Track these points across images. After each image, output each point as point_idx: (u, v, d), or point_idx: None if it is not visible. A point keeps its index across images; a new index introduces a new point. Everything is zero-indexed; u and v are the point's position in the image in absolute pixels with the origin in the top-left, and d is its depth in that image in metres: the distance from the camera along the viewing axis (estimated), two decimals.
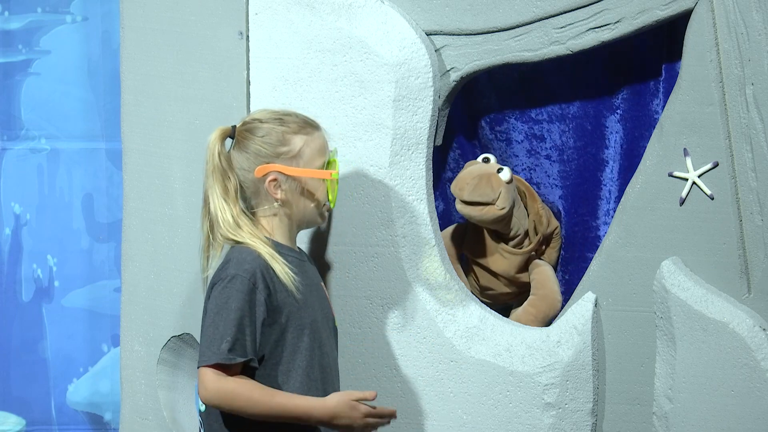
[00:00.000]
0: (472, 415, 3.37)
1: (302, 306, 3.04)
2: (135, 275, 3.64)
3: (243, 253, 3.00)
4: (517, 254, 3.58)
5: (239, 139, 3.07)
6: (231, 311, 2.94)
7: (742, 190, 3.20)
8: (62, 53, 4.49)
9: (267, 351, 2.99)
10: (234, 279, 2.96)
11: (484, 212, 3.48)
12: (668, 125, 3.26)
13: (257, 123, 3.07)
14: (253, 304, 2.96)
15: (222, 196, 3.03)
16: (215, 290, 2.98)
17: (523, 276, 3.62)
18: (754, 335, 3.17)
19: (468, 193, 3.47)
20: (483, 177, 3.48)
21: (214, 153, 3.04)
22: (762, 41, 3.16)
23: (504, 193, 3.47)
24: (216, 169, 3.03)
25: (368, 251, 3.41)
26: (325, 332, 3.10)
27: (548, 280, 3.56)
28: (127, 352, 3.67)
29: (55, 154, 4.50)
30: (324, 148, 3.10)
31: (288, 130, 3.07)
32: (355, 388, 3.36)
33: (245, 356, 2.94)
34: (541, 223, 3.58)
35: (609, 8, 3.27)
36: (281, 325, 3.00)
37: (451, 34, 3.40)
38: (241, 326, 2.94)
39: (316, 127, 3.11)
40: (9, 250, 4.53)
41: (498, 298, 3.67)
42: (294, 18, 3.42)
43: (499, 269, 3.61)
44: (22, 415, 4.57)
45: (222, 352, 2.92)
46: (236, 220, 3.02)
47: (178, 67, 3.53)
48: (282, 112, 3.11)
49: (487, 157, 3.57)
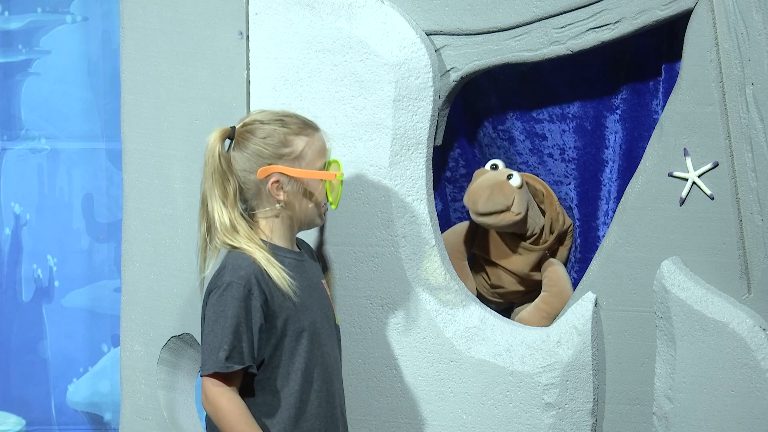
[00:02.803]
0: (472, 415, 3.37)
1: (300, 309, 3.03)
2: (135, 275, 3.64)
3: (238, 259, 3.00)
4: (535, 250, 3.59)
5: (239, 140, 3.06)
6: (227, 319, 2.94)
7: (742, 190, 3.20)
8: (62, 53, 4.49)
9: (266, 355, 3.00)
10: (229, 286, 2.96)
11: (501, 219, 3.48)
12: (668, 125, 3.26)
13: (258, 124, 3.06)
14: (249, 310, 2.96)
15: (221, 199, 3.02)
16: (211, 298, 2.98)
17: (536, 274, 3.62)
18: (754, 335, 3.17)
19: (482, 205, 3.47)
20: (495, 187, 3.47)
21: (214, 154, 3.03)
22: (762, 41, 3.16)
23: (518, 198, 3.48)
24: (216, 171, 3.02)
25: (368, 251, 3.41)
26: (326, 332, 3.10)
27: (561, 278, 3.57)
28: (127, 352, 3.67)
29: (55, 154, 4.50)
30: (323, 149, 3.10)
31: (290, 132, 3.06)
32: (356, 388, 3.37)
33: (243, 363, 2.94)
34: (558, 220, 3.60)
35: (609, 8, 3.27)
36: (279, 329, 3.00)
37: (451, 34, 3.40)
38: (237, 333, 2.94)
39: (316, 129, 3.11)
40: (9, 250, 4.54)
41: (507, 297, 3.68)
42: (294, 18, 3.42)
43: (514, 267, 3.62)
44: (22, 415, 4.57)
45: (219, 360, 2.93)
46: (233, 224, 3.02)
47: (178, 67, 3.53)
48: (282, 113, 3.10)
49: (495, 163, 3.57)
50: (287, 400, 3.01)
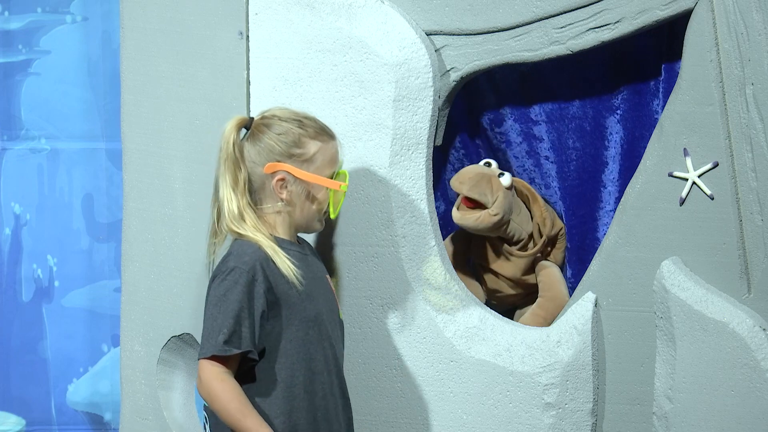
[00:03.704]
0: (472, 415, 3.37)
1: (305, 299, 3.04)
2: (135, 275, 3.64)
3: (243, 246, 3.02)
4: (523, 257, 3.59)
5: (255, 131, 3.09)
6: (229, 303, 2.95)
7: (742, 190, 3.20)
8: (62, 53, 4.49)
9: (269, 344, 3.00)
10: (233, 271, 2.98)
11: (480, 221, 3.47)
12: (668, 125, 3.25)
13: (276, 120, 3.09)
14: (251, 296, 2.97)
15: (231, 185, 3.04)
16: (215, 282, 3.00)
17: (530, 278, 3.62)
18: (754, 335, 3.17)
19: (468, 188, 3.46)
20: (485, 176, 3.48)
21: (228, 141, 3.05)
22: (762, 41, 3.16)
23: (501, 197, 3.47)
24: (228, 158, 3.05)
25: (368, 251, 3.41)
26: (331, 324, 3.11)
27: (555, 281, 3.57)
28: (127, 352, 3.67)
29: (55, 154, 4.50)
30: (335, 158, 3.12)
31: (305, 134, 3.08)
32: (356, 387, 3.36)
33: (240, 348, 2.95)
34: (545, 225, 3.59)
35: (609, 8, 3.27)
36: (283, 318, 3.01)
37: (451, 34, 3.40)
38: (238, 318, 2.95)
39: (332, 137, 3.13)
40: (9, 250, 4.53)
41: (505, 300, 3.68)
42: (294, 18, 3.42)
43: (506, 272, 3.61)
44: (22, 415, 4.57)
45: (218, 344, 2.93)
46: (241, 211, 3.04)
47: (178, 67, 3.53)
48: (302, 115, 3.12)
49: (488, 162, 3.57)
50: (290, 389, 3.01)
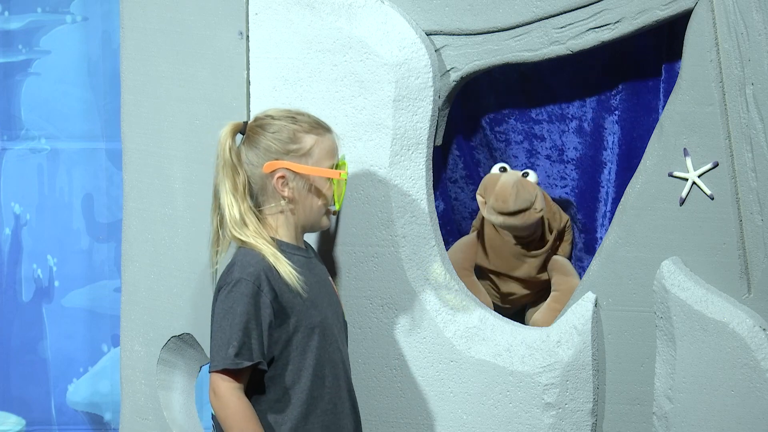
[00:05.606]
0: (472, 415, 3.37)
1: (310, 305, 3.05)
2: (135, 275, 3.64)
3: (247, 256, 3.02)
4: (537, 256, 3.60)
5: (250, 134, 3.09)
6: (236, 315, 2.96)
7: (742, 190, 3.20)
8: (62, 53, 4.49)
9: (276, 352, 3.00)
10: (239, 283, 2.98)
11: (526, 218, 3.49)
12: (668, 125, 3.26)
13: (269, 119, 3.10)
14: (258, 307, 2.97)
15: (231, 191, 3.04)
16: (221, 295, 3.00)
17: (542, 275, 3.63)
18: (754, 335, 3.17)
19: (513, 203, 3.47)
20: (518, 184, 3.48)
21: (224, 148, 3.05)
22: (762, 41, 3.16)
23: (539, 194, 3.50)
24: (226, 164, 3.05)
25: (368, 251, 3.41)
26: (336, 328, 3.12)
27: (568, 274, 3.58)
28: (127, 352, 3.67)
29: (55, 154, 4.50)
30: (333, 150, 3.12)
31: (299, 129, 3.09)
32: (356, 387, 3.36)
33: (252, 360, 2.95)
34: (555, 219, 3.60)
35: (609, 8, 3.27)
36: (290, 325, 3.02)
37: (451, 34, 3.40)
38: (247, 330, 2.95)
39: (328, 130, 3.13)
40: (9, 250, 4.54)
41: (519, 301, 3.70)
42: (294, 18, 3.42)
43: (521, 273, 3.62)
44: (22, 415, 4.57)
45: (228, 357, 2.94)
46: (243, 217, 3.04)
47: (178, 67, 3.53)
48: (295, 111, 3.13)
49: (503, 166, 3.58)
50: (298, 396, 3.02)
